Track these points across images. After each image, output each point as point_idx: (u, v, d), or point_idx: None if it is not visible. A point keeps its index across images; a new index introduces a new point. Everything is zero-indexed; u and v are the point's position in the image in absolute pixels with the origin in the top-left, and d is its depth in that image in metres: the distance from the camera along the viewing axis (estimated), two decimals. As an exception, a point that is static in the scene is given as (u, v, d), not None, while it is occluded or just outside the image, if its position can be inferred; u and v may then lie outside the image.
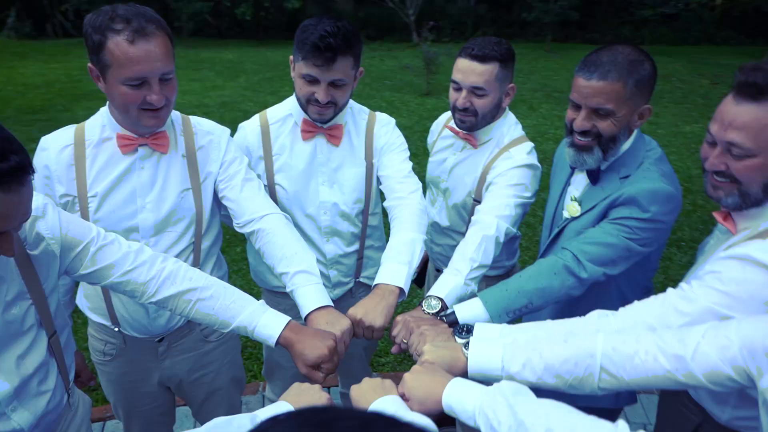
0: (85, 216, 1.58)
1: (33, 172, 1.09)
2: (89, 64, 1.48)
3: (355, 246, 2.01)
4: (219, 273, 1.87)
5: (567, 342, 1.18)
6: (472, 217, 1.82)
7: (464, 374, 1.25)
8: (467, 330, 1.37)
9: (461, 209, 2.07)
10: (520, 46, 13.93)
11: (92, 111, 1.69)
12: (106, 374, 1.84)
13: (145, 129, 1.56)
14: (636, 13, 13.67)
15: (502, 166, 1.89)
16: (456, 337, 1.37)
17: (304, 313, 1.54)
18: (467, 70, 1.86)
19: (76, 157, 1.58)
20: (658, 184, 1.48)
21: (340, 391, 2.55)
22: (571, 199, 1.70)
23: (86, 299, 1.75)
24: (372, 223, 2.02)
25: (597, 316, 1.30)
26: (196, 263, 1.73)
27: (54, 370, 1.37)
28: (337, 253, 1.98)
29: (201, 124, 1.74)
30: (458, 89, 1.91)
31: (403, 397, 1.19)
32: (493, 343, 1.24)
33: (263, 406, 1.96)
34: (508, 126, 2.00)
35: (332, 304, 1.57)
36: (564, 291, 1.50)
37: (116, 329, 1.73)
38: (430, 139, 2.31)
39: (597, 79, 1.46)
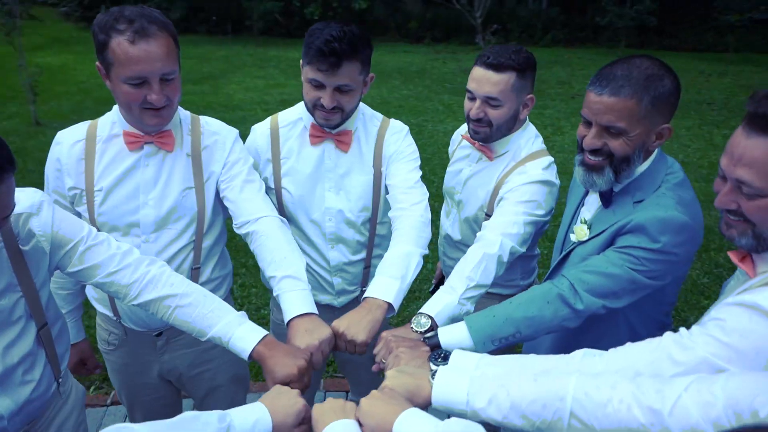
0: (90, 209, 1.64)
1: (13, 170, 1.13)
2: (97, 63, 1.52)
3: (362, 254, 1.97)
4: (223, 272, 1.89)
5: (537, 381, 1.08)
6: (477, 233, 1.74)
7: (428, 404, 1.18)
8: (444, 357, 1.29)
9: (473, 223, 1.99)
10: (591, 51, 13.39)
11: None
12: (111, 363, 1.90)
13: (148, 127, 1.59)
14: (720, 18, 12.75)
15: (514, 181, 1.79)
16: (431, 363, 1.30)
17: (286, 318, 1.52)
18: (481, 79, 1.77)
19: (87, 152, 1.64)
20: (670, 213, 1.34)
21: (351, 399, 2.52)
22: (581, 222, 1.57)
23: (93, 290, 1.82)
24: (380, 233, 1.97)
25: (582, 355, 1.19)
26: (197, 261, 1.75)
27: (42, 361, 1.42)
28: (341, 261, 1.94)
29: (209, 124, 1.76)
30: (472, 99, 1.83)
31: (360, 422, 1.14)
32: (460, 375, 1.16)
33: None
34: (527, 139, 1.89)
35: (316, 311, 1.54)
36: (557, 322, 1.39)
37: (117, 320, 1.78)
38: (450, 148, 2.23)
39: (608, 95, 1.34)
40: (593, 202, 1.58)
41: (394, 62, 12.14)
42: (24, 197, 1.35)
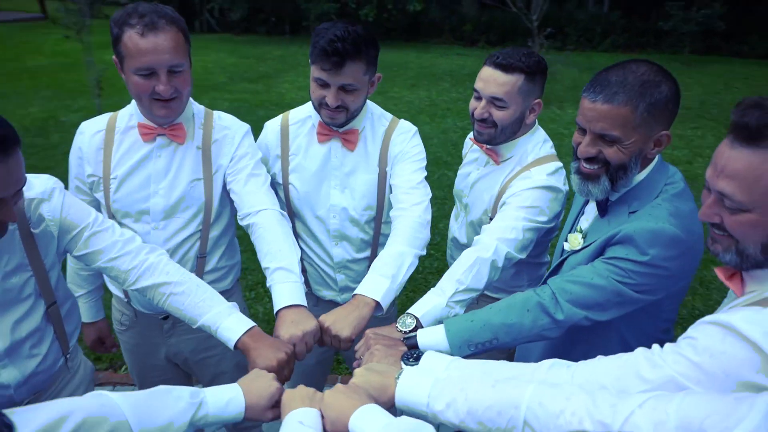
0: (106, 196, 1.74)
1: (18, 144, 1.22)
2: (113, 56, 1.62)
3: (366, 253, 1.99)
4: (229, 262, 1.96)
5: (495, 387, 1.07)
6: (475, 237, 1.72)
7: (393, 403, 1.19)
8: (416, 357, 1.29)
9: (477, 227, 1.97)
10: (652, 57, 12.84)
11: (216, 101, 1.86)
12: (123, 342, 2.01)
13: (157, 119, 1.68)
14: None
15: (517, 186, 1.76)
16: (402, 363, 1.30)
17: (275, 309, 1.56)
18: (488, 79, 1.75)
19: (106, 142, 1.74)
20: (661, 225, 1.28)
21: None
22: (577, 230, 1.53)
23: (108, 272, 1.93)
24: (385, 232, 1.99)
25: (550, 365, 1.16)
26: (203, 250, 1.83)
27: (49, 337, 1.52)
28: (345, 258, 1.97)
29: (222, 119, 1.84)
30: (478, 98, 1.81)
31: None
32: (424, 377, 1.16)
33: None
34: (535, 143, 1.85)
35: (305, 303, 1.57)
36: (536, 331, 1.36)
37: (128, 302, 1.88)
38: (463, 151, 2.21)
39: (602, 102, 1.31)
40: (591, 211, 1.54)
41: (446, 65, 12.09)
42: (38, 183, 1.45)
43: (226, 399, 1.24)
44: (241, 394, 1.26)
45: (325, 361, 2.25)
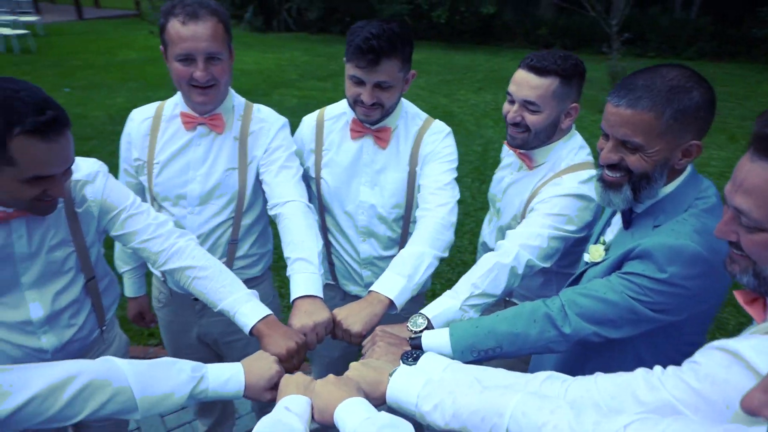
0: (149, 179, 1.86)
1: (68, 126, 1.32)
2: (161, 46, 1.72)
3: (393, 251, 2.00)
4: (261, 250, 2.03)
5: (483, 393, 1.05)
6: (498, 241, 1.69)
7: (384, 400, 1.19)
8: (415, 357, 1.29)
9: (506, 233, 1.93)
10: (742, 66, 11.97)
11: (285, 97, 1.98)
12: (160, 319, 2.14)
13: (196, 106, 1.77)
14: None
15: (547, 192, 1.71)
16: (401, 362, 1.30)
17: (292, 298, 1.60)
18: (521, 82, 1.72)
19: (152, 128, 1.86)
20: (682, 241, 1.20)
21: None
22: (600, 242, 1.47)
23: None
24: (413, 231, 1.98)
25: (545, 377, 1.12)
26: (235, 236, 1.91)
27: (87, 309, 1.64)
28: (371, 254, 2.00)
29: (261, 111, 1.91)
30: (511, 102, 1.78)
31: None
32: (416, 377, 1.16)
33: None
34: (569, 150, 1.79)
35: (321, 295, 1.60)
36: (543, 343, 1.31)
37: (164, 281, 2.00)
38: (501, 155, 2.17)
39: (625, 107, 1.25)
40: (618, 222, 1.47)
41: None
42: (85, 166, 1.57)
43: (226, 376, 1.29)
44: (242, 373, 1.31)
45: (349, 355, 2.28)
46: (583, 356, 1.44)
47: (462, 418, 1.04)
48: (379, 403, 1.20)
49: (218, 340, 2.07)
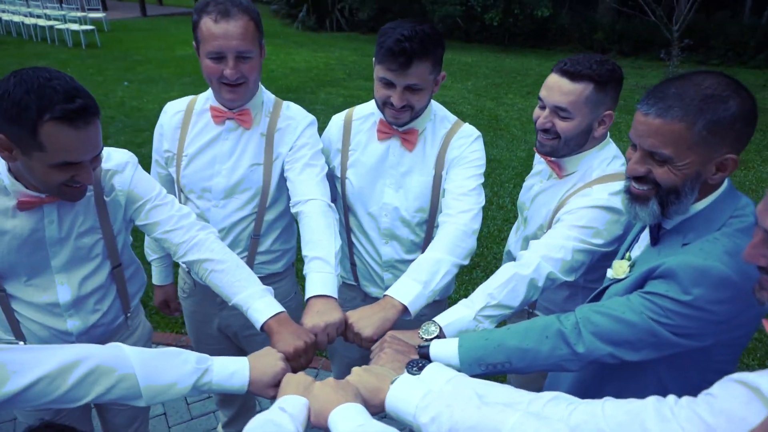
0: (178, 171, 1.90)
1: (98, 115, 1.36)
2: (194, 42, 1.75)
3: (416, 255, 1.97)
4: (284, 246, 2.04)
5: (480, 409, 1.01)
6: (520, 251, 1.63)
7: (383, 408, 1.17)
8: (420, 367, 1.26)
9: (529, 243, 1.86)
10: (817, 77, 11.21)
11: (332, 96, 2.01)
12: (184, 308, 2.19)
13: (226, 102, 1.79)
14: None
15: (575, 203, 1.64)
16: (405, 370, 1.27)
17: (306, 296, 1.60)
18: (553, 87, 1.65)
19: (183, 121, 1.90)
20: (710, 262, 1.12)
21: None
22: (626, 258, 1.39)
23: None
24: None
25: (550, 398, 1.06)
26: (257, 231, 1.93)
27: (112, 295, 1.70)
28: (393, 257, 1.97)
29: (289, 109, 1.92)
30: (542, 107, 1.71)
31: None
32: (417, 387, 1.13)
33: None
34: (602, 159, 1.71)
35: (335, 295, 1.59)
36: (554, 360, 1.25)
37: (188, 272, 2.04)
38: (534, 162, 2.10)
39: (654, 116, 1.17)
40: (646, 238, 1.39)
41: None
42: (115, 156, 1.62)
43: (231, 370, 1.30)
44: (248, 368, 1.32)
45: (369, 357, 2.26)
46: (599, 377, 1.37)
47: None
48: (378, 410, 1.17)
49: (238, 333, 2.10)
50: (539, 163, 1.95)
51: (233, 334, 2.12)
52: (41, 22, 13.38)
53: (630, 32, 13.72)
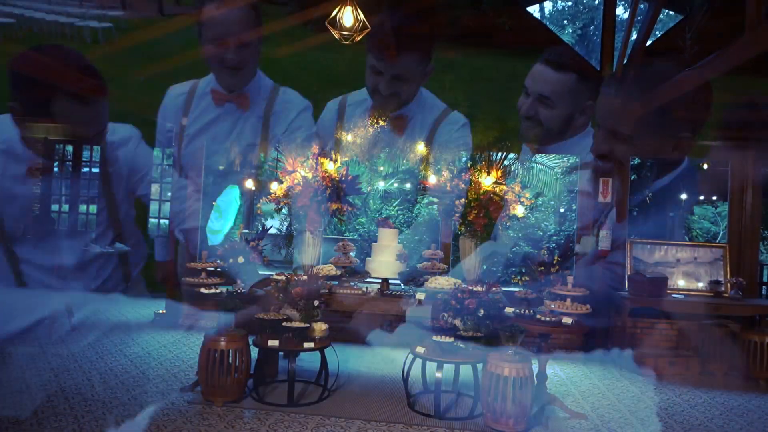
0: (178, 149, 2.00)
1: (105, 94, 1.47)
2: (197, 27, 1.85)
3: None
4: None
5: None
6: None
7: None
8: None
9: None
10: None
11: None
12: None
13: (226, 85, 1.89)
14: None
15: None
16: None
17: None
18: (537, 76, 1.73)
19: (186, 103, 2.00)
20: None
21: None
22: None
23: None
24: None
25: None
26: (253, 208, 2.01)
27: (113, 263, 1.79)
28: (382, 238, 2.04)
29: (287, 93, 2.02)
30: (527, 95, 1.78)
31: None
32: None
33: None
34: (582, 148, 1.77)
35: None
36: None
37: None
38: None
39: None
40: None
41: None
42: (121, 130, 1.73)
43: None
44: None
45: None
46: None
47: None
48: None
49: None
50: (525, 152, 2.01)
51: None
52: (61, 18, 13.67)
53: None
